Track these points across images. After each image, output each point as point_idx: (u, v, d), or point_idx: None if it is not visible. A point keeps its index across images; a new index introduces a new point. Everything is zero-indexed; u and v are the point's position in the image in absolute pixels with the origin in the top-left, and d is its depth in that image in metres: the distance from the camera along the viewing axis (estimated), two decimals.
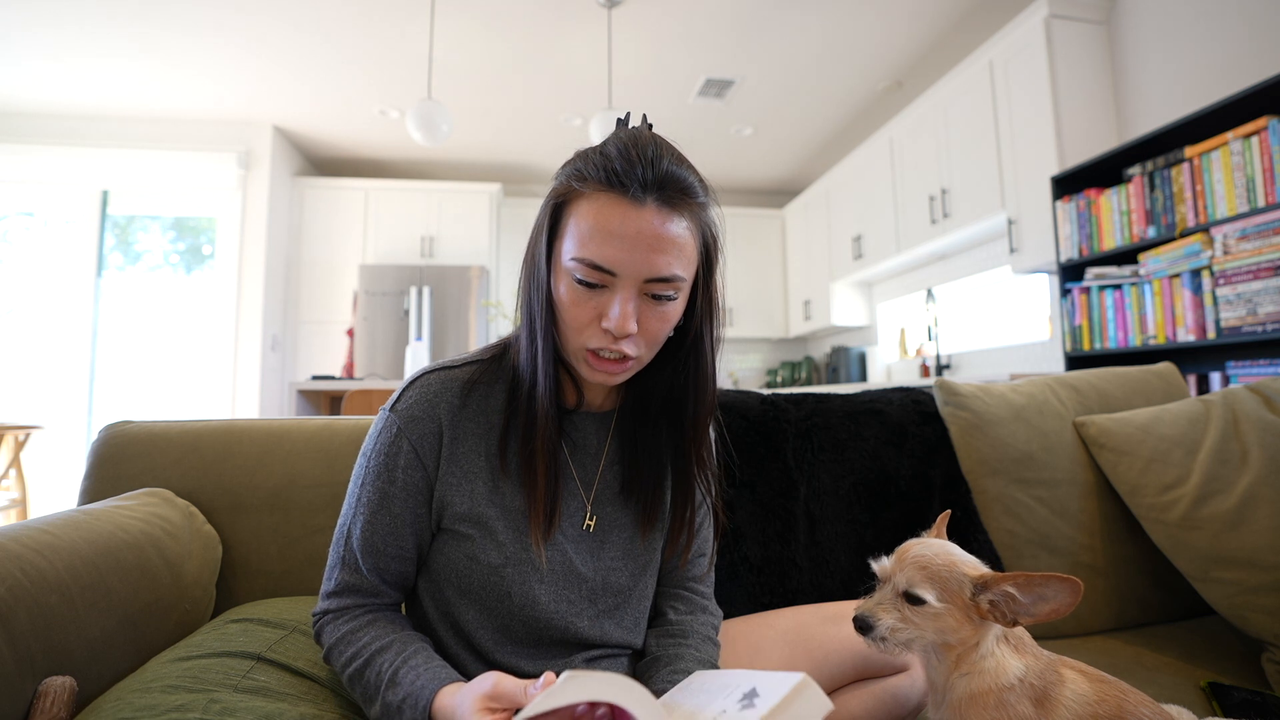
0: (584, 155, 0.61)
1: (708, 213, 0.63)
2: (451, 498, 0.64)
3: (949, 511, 0.68)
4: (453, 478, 0.64)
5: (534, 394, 0.64)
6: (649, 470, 0.70)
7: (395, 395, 0.66)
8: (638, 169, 0.56)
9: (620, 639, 0.68)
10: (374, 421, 0.67)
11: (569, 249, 0.59)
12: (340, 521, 0.66)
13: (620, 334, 0.58)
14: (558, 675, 0.49)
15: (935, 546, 0.59)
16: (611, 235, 0.56)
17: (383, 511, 0.63)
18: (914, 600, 0.56)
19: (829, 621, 0.78)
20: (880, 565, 0.60)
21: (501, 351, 0.70)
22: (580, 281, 0.58)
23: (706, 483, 0.73)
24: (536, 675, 0.62)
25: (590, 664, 0.66)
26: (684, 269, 0.60)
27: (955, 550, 0.59)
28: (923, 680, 0.74)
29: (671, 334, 0.66)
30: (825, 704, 0.45)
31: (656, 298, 0.59)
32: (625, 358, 0.61)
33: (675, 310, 0.62)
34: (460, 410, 0.65)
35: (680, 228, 0.58)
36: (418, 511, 0.64)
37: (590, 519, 0.69)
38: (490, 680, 0.53)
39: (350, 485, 0.66)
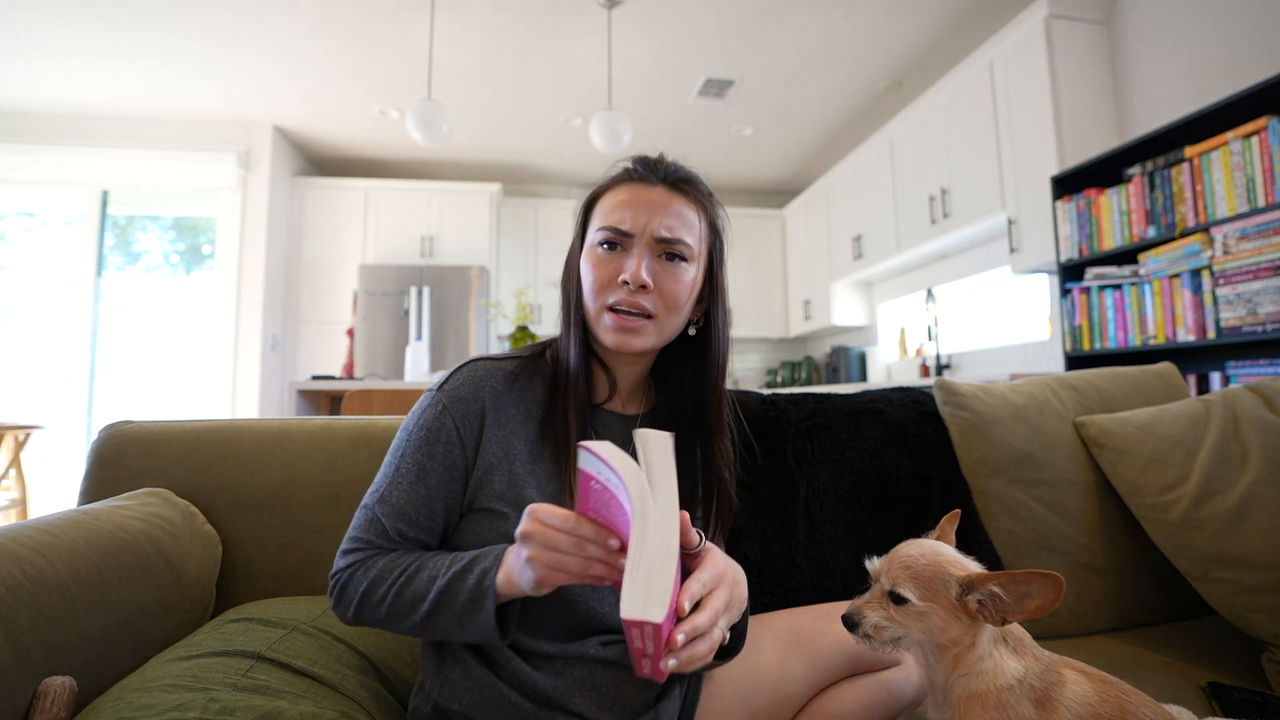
0: (607, 171, 0.75)
1: (713, 206, 0.74)
2: (490, 476, 0.68)
3: (958, 511, 0.68)
4: (493, 457, 0.68)
5: (566, 370, 0.71)
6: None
7: (443, 378, 0.72)
8: (652, 168, 0.71)
9: None
10: (419, 400, 0.72)
11: (594, 226, 0.71)
12: (371, 489, 0.69)
13: (636, 282, 0.66)
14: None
15: (924, 547, 0.59)
16: (628, 204, 0.69)
17: (420, 483, 0.67)
18: (898, 599, 0.57)
19: (823, 619, 0.80)
20: (872, 565, 0.61)
21: (540, 352, 0.77)
22: (602, 244, 0.69)
23: (729, 478, 0.76)
24: (556, 657, 0.65)
25: (605, 648, 0.67)
26: (691, 236, 0.70)
27: (945, 550, 0.59)
28: (916, 674, 0.75)
29: (692, 332, 0.75)
30: (663, 436, 0.51)
31: (670, 258, 0.68)
32: (643, 314, 0.68)
33: (688, 274, 0.70)
34: (504, 395, 0.71)
35: (687, 206, 0.70)
36: (452, 488, 0.68)
37: None
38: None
39: (387, 457, 0.70)
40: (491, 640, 0.60)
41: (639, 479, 0.49)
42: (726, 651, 0.64)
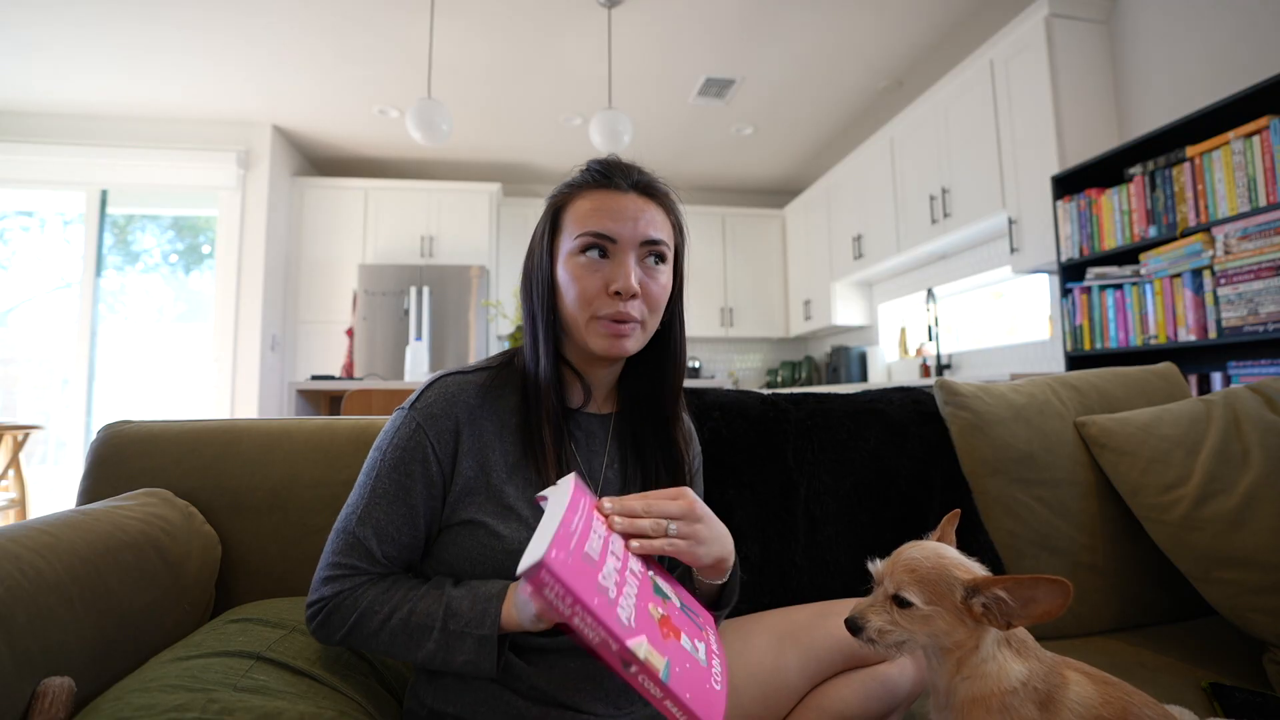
0: (572, 175, 0.74)
1: (676, 207, 0.76)
2: (470, 490, 0.67)
3: (958, 511, 0.68)
4: (470, 472, 0.68)
5: (538, 381, 0.70)
6: (645, 467, 0.76)
7: (414, 395, 0.70)
8: (619, 173, 0.71)
9: None
10: (390, 419, 0.70)
11: (570, 234, 0.69)
12: (346, 513, 0.67)
13: (628, 292, 0.67)
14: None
15: (927, 549, 0.59)
16: (607, 211, 0.68)
17: (399, 502, 0.66)
18: (902, 603, 0.57)
19: (818, 615, 0.80)
20: (875, 567, 0.61)
21: (508, 360, 0.76)
22: (586, 256, 0.68)
23: (688, 463, 0.78)
24: (550, 651, 0.66)
25: None
26: (667, 238, 0.72)
27: (948, 553, 0.59)
28: (911, 669, 0.76)
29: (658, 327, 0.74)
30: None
31: (652, 263, 0.70)
32: (631, 319, 0.68)
33: (667, 276, 0.72)
34: (477, 409, 0.70)
35: (657, 211, 0.71)
36: (432, 505, 0.67)
37: None
38: None
39: (360, 478, 0.68)
40: (484, 675, 0.61)
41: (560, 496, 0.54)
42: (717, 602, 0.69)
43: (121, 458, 0.92)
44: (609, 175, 0.70)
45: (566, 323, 0.70)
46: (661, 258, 0.70)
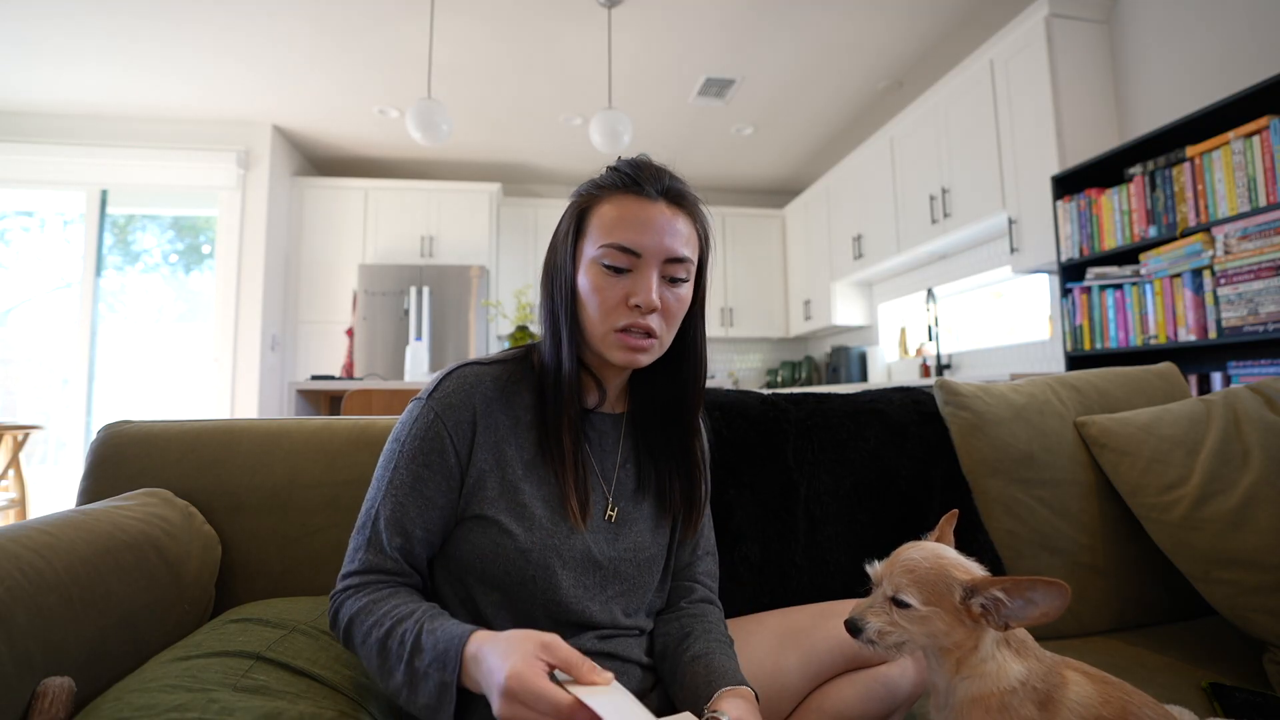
0: (599, 175, 0.72)
1: (703, 216, 0.74)
2: (483, 483, 0.67)
3: (955, 511, 0.68)
4: (485, 465, 0.68)
5: (559, 383, 0.70)
6: (659, 468, 0.76)
7: (431, 385, 0.70)
8: (648, 178, 0.69)
9: (627, 623, 0.73)
10: (407, 409, 0.70)
11: (595, 240, 0.68)
12: (366, 505, 0.67)
13: (648, 307, 0.66)
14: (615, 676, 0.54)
15: (926, 550, 0.59)
16: (634, 222, 0.67)
17: (415, 494, 0.66)
18: (901, 604, 0.57)
19: (819, 616, 0.80)
20: (873, 569, 0.61)
21: (524, 354, 0.76)
22: (608, 267, 0.67)
23: (703, 469, 0.79)
24: None
25: (603, 641, 0.70)
26: (692, 254, 0.70)
27: (947, 553, 0.59)
28: (912, 670, 0.76)
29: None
30: None
31: (672, 280, 0.69)
32: (650, 334, 0.68)
33: (687, 293, 0.71)
34: (494, 401, 0.70)
35: (685, 223, 0.70)
36: (449, 496, 0.67)
37: (612, 510, 0.73)
38: (551, 635, 0.55)
39: (378, 470, 0.69)
40: None
41: None
42: None
43: (121, 458, 0.92)
44: (638, 180, 0.68)
45: (585, 329, 0.70)
46: (684, 275, 0.69)
